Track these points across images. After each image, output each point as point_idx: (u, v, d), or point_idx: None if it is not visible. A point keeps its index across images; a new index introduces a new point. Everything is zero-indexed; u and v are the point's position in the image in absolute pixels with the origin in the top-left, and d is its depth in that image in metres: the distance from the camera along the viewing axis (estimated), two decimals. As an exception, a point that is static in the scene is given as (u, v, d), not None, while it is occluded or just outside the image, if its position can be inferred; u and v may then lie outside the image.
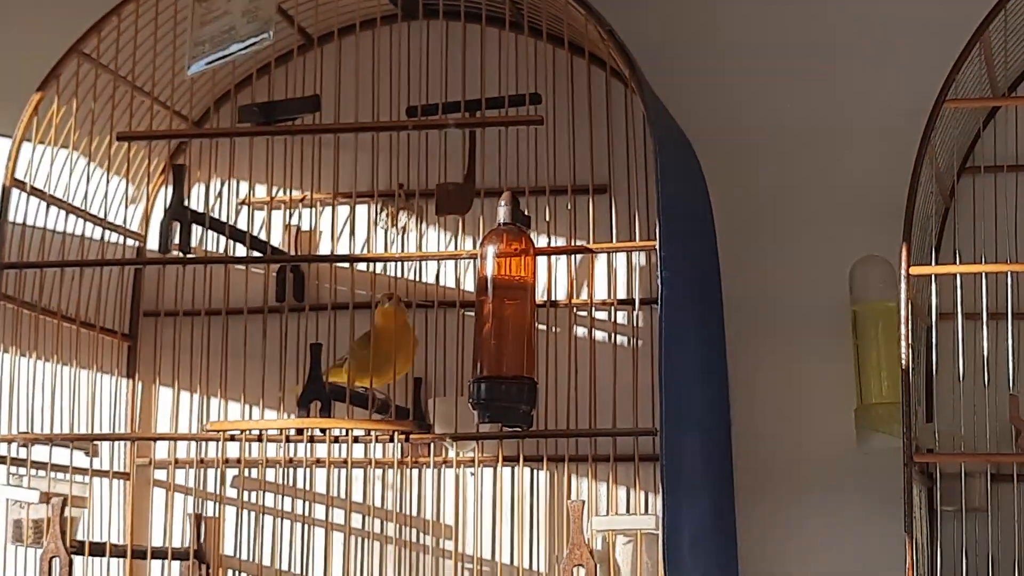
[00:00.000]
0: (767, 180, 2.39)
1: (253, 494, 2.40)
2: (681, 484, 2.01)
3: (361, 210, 2.47)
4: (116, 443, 2.42)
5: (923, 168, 2.01)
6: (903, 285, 1.98)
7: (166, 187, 2.46)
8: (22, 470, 2.24)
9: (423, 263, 2.41)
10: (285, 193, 2.46)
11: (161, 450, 2.48)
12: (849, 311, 2.25)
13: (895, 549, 2.01)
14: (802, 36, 2.42)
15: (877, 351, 2.22)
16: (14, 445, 2.25)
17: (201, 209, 2.39)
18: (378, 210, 2.44)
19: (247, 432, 2.26)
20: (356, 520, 2.35)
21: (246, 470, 2.38)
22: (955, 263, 2.03)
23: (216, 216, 2.40)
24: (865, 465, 2.26)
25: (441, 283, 2.38)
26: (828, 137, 2.38)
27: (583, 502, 2.07)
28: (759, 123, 2.41)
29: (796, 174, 2.39)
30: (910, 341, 1.98)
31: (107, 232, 2.43)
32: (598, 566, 2.05)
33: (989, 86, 2.17)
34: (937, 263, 2.06)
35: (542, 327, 2.25)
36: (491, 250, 2.06)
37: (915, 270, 1.99)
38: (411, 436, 2.23)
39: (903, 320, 1.98)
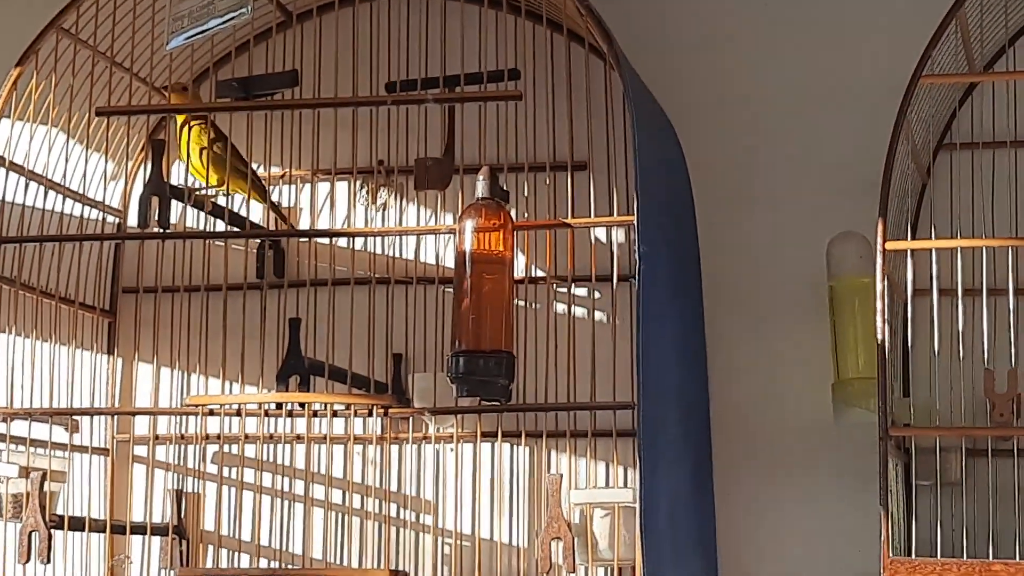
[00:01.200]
0: (745, 156, 2.40)
1: (233, 470, 2.41)
2: (659, 457, 2.02)
3: (341, 186, 2.48)
4: (96, 418, 2.43)
5: (899, 144, 2.02)
6: (879, 260, 1.99)
7: (145, 163, 2.46)
8: (1, 444, 2.24)
9: (402, 239, 2.41)
10: (264, 169, 2.46)
11: (141, 426, 2.48)
12: (826, 287, 2.26)
13: (871, 522, 2.03)
14: (779, 13, 2.43)
15: (854, 326, 2.23)
16: (-7, 420, 2.25)
17: (180, 185, 2.39)
18: (358, 186, 2.45)
19: (226, 406, 2.26)
20: (336, 495, 2.36)
21: (226, 446, 2.39)
22: (930, 238, 2.04)
23: (196, 190, 2.40)
24: (842, 439, 2.27)
25: (420, 259, 2.38)
26: (806, 113, 2.39)
27: (561, 476, 2.08)
28: (737, 100, 2.42)
29: (774, 150, 2.40)
30: (886, 316, 1.99)
31: (87, 208, 2.43)
32: (576, 539, 2.06)
33: (966, 63, 2.18)
34: (914, 239, 2.07)
35: (521, 303, 2.26)
36: (469, 224, 2.06)
37: (891, 245, 2.00)
38: (390, 410, 2.24)
39: (879, 295, 1.99)
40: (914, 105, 2.04)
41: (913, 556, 1.98)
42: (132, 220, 2.50)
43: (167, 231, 2.32)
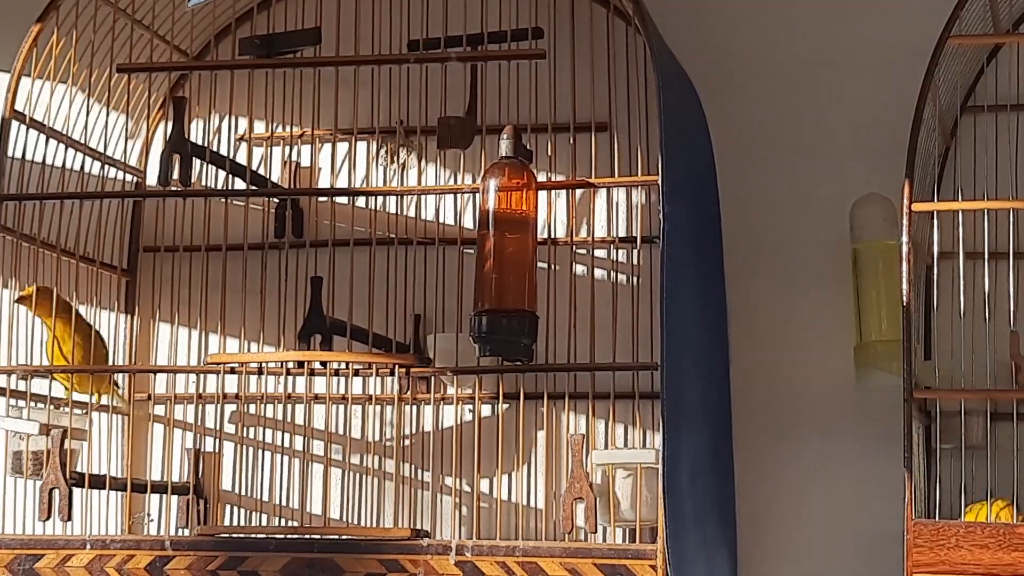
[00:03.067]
0: (768, 118, 2.39)
1: (252, 429, 2.41)
2: (681, 419, 2.02)
3: (361, 146, 2.47)
4: (116, 377, 2.42)
5: (926, 106, 2.01)
6: (905, 221, 1.98)
7: (166, 121, 2.45)
8: (21, 402, 2.24)
9: (423, 199, 2.40)
10: (285, 129, 2.45)
11: (160, 385, 2.48)
12: (849, 249, 2.25)
13: (894, 486, 2.02)
14: (806, -27, 2.41)
15: (877, 289, 2.22)
16: (13, 377, 2.25)
17: (201, 143, 2.38)
18: (378, 146, 2.44)
19: (247, 365, 2.25)
20: (355, 456, 2.36)
21: (245, 406, 2.39)
22: (956, 200, 2.03)
23: (216, 151, 2.39)
24: (864, 402, 2.27)
25: (441, 220, 2.37)
26: (830, 74, 2.37)
27: (583, 436, 2.08)
28: (760, 61, 2.41)
29: (797, 112, 2.38)
30: (911, 279, 1.98)
31: (106, 167, 2.42)
32: (598, 499, 2.06)
33: (992, 23, 2.16)
34: (938, 200, 2.06)
35: (542, 265, 2.25)
36: (493, 184, 2.05)
37: (917, 207, 1.99)
38: (411, 369, 2.23)
39: (904, 257, 1.98)
40: (941, 66, 2.03)
41: (937, 519, 1.98)
42: (151, 178, 2.49)
43: (188, 189, 2.31)
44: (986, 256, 1.99)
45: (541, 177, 2.27)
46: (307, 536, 2.12)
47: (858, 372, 2.23)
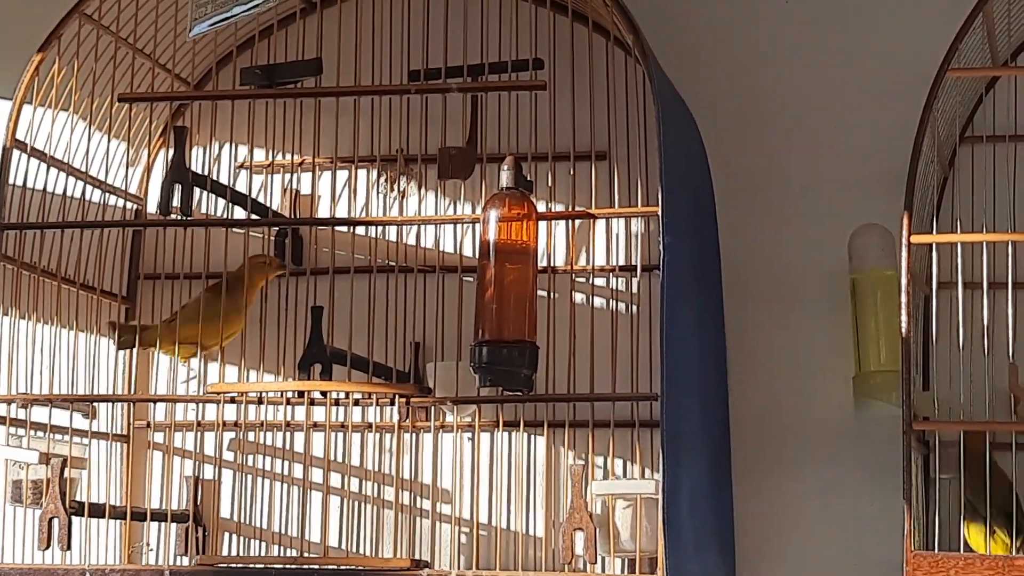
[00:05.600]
0: (766, 147, 2.40)
1: (251, 457, 2.41)
2: (680, 449, 2.02)
3: (361, 175, 2.47)
4: (115, 405, 2.42)
5: (925, 137, 2.02)
6: (904, 253, 1.99)
7: (166, 149, 2.46)
8: (21, 431, 2.24)
9: (423, 228, 2.41)
10: (285, 157, 2.46)
11: (159, 413, 2.48)
12: (848, 279, 2.26)
13: (892, 516, 2.03)
14: (803, 4, 2.42)
15: (876, 319, 2.22)
16: (13, 406, 2.25)
17: (201, 172, 2.38)
18: (378, 174, 2.45)
19: (246, 394, 2.26)
20: (354, 484, 2.36)
21: (244, 434, 2.39)
22: (955, 232, 2.04)
23: (216, 179, 2.39)
24: (863, 432, 2.27)
25: (440, 248, 2.38)
26: (829, 104, 2.38)
27: (584, 466, 2.08)
28: (759, 90, 2.42)
29: (796, 141, 2.39)
30: (910, 310, 1.99)
31: (107, 195, 2.43)
32: (598, 530, 2.06)
33: (990, 55, 2.17)
34: (936, 232, 2.06)
35: (542, 293, 2.26)
36: (493, 214, 2.06)
37: (916, 239, 2.00)
38: (411, 399, 2.24)
39: (903, 288, 1.99)
40: (940, 97, 2.04)
41: (936, 550, 1.98)
42: (152, 206, 2.50)
43: (188, 218, 2.32)
44: (985, 287, 2.00)
45: (541, 206, 2.27)
46: (306, 566, 2.12)
47: (857, 402, 2.24)
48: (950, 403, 2.09)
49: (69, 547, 2.16)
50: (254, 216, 2.39)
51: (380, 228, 2.36)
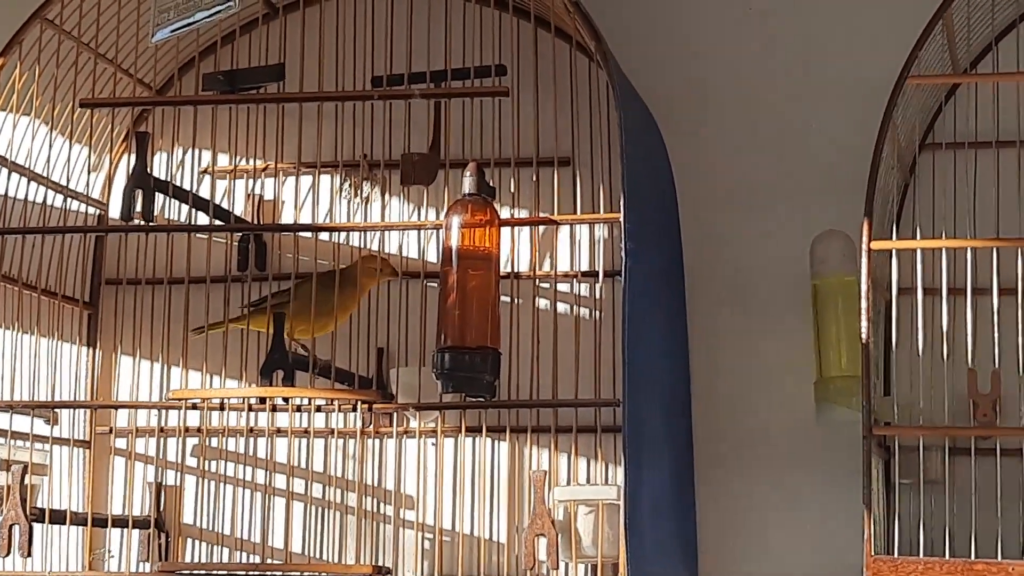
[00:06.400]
0: (729, 153, 2.41)
1: (213, 463, 2.40)
2: (643, 455, 2.03)
3: (325, 180, 2.47)
4: (77, 411, 2.42)
5: (885, 144, 2.03)
6: (864, 260, 2.00)
7: (128, 155, 2.45)
8: (-18, 438, 2.24)
9: (386, 234, 2.41)
10: (248, 162, 2.45)
11: (122, 419, 2.47)
12: (809, 285, 2.27)
13: (852, 520, 2.04)
14: (766, 11, 2.43)
15: (837, 325, 2.23)
16: (-26, 413, 2.24)
17: (163, 177, 2.38)
18: (342, 180, 2.44)
19: (209, 401, 2.25)
20: (317, 490, 2.35)
21: (207, 439, 2.38)
22: (915, 238, 2.05)
23: (179, 184, 2.39)
24: (824, 438, 2.28)
25: (404, 254, 2.38)
26: (791, 111, 2.39)
27: (546, 472, 2.08)
28: (722, 97, 2.43)
29: (758, 148, 2.40)
30: (870, 315, 2.00)
31: (69, 200, 2.42)
32: (560, 536, 2.06)
33: (950, 63, 2.19)
34: (897, 238, 2.07)
35: (505, 299, 2.26)
36: (456, 220, 2.06)
37: (876, 245, 2.01)
38: (374, 406, 2.23)
39: (864, 295, 2.00)
40: (900, 105, 2.05)
41: (895, 555, 1.99)
42: (114, 212, 2.49)
43: (151, 224, 2.31)
44: (944, 293, 2.01)
45: (504, 212, 2.28)
46: (269, 572, 2.12)
47: (818, 407, 2.24)
48: (911, 408, 2.10)
49: (30, 554, 2.15)
50: (217, 222, 2.38)
51: (343, 234, 2.36)
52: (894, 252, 2.04)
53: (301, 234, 2.38)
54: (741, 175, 2.40)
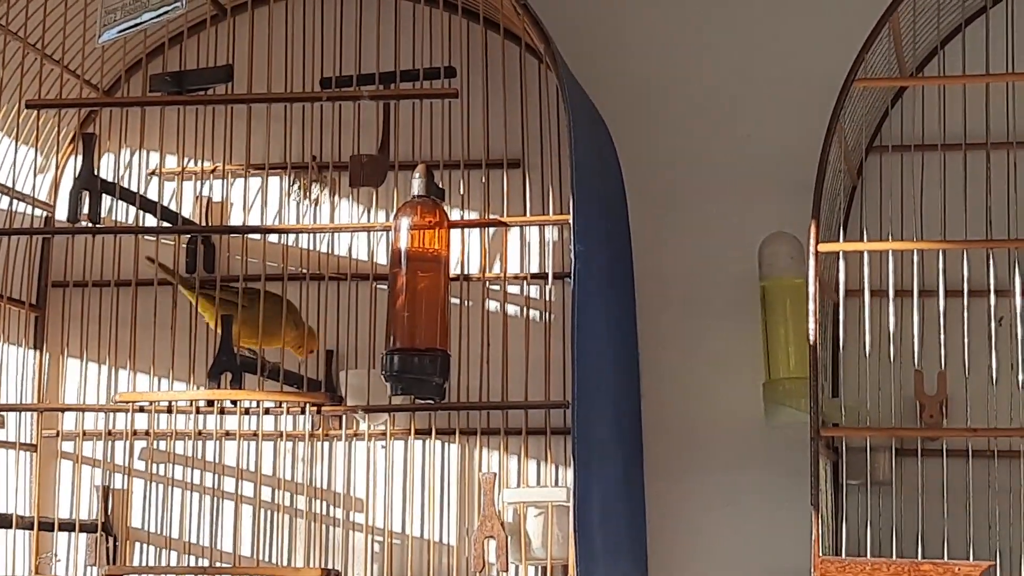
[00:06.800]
0: (678, 155, 2.41)
1: (161, 466, 2.39)
2: (592, 456, 2.03)
3: (273, 182, 2.46)
4: (23, 414, 2.40)
5: (832, 146, 2.04)
6: (812, 261, 2.01)
7: (75, 156, 2.43)
8: (-73, 441, 2.22)
9: (336, 236, 2.40)
10: (196, 164, 2.44)
11: (69, 422, 2.45)
12: (758, 287, 2.27)
13: (801, 522, 2.05)
14: (714, 13, 2.44)
15: (785, 327, 2.24)
16: (-80, 416, 2.22)
17: (111, 179, 2.36)
18: (291, 182, 2.44)
19: (156, 403, 2.24)
20: (266, 493, 2.34)
21: (155, 442, 2.37)
22: (862, 240, 2.06)
23: (126, 186, 2.37)
24: (772, 439, 2.29)
25: (353, 256, 2.38)
26: (739, 113, 2.40)
27: (495, 474, 2.08)
28: (672, 99, 2.43)
29: (707, 150, 2.41)
30: (818, 317, 2.00)
31: (15, 202, 2.40)
32: (509, 538, 2.06)
33: (897, 66, 2.20)
34: (844, 240, 2.09)
35: (455, 301, 2.26)
36: (405, 222, 2.06)
37: (824, 247, 2.02)
38: (323, 408, 2.23)
39: (811, 296, 2.01)
40: (847, 107, 2.06)
41: (843, 555, 2.00)
42: (61, 214, 2.47)
43: (98, 226, 2.30)
44: (891, 295, 2.02)
45: (454, 214, 2.28)
46: (217, 575, 2.11)
47: (767, 408, 2.25)
48: (858, 410, 2.12)
49: (-25, 559, 2.13)
50: (164, 223, 2.37)
51: (292, 236, 2.35)
52: (841, 254, 2.05)
53: (250, 236, 2.37)
54: (690, 177, 2.41)
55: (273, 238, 2.42)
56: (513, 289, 2.38)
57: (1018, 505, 2.13)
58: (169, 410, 2.25)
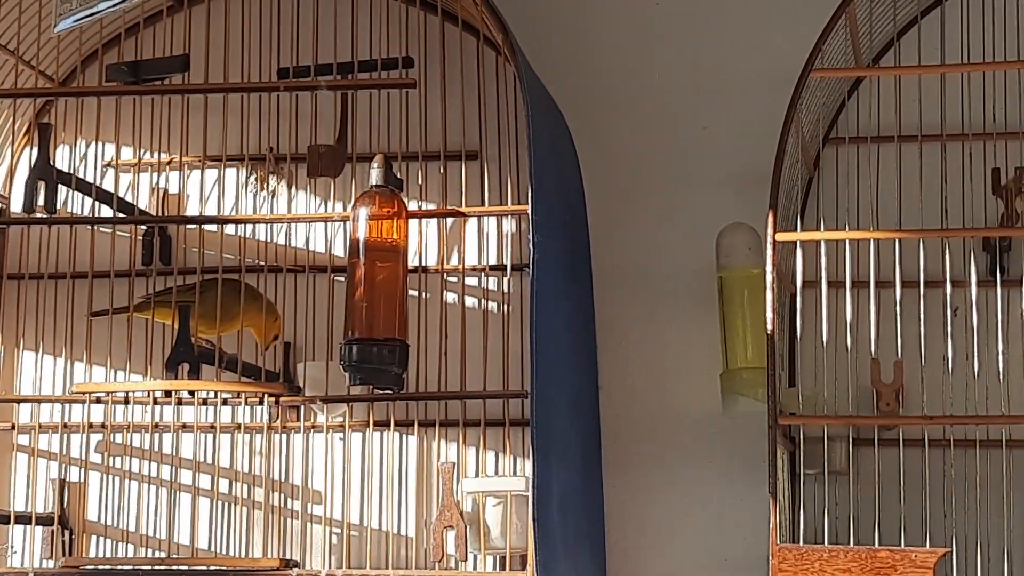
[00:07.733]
0: (636, 146, 2.42)
1: (118, 459, 2.38)
2: (551, 446, 2.03)
3: (230, 173, 2.45)
4: (-22, 407, 2.38)
5: (789, 136, 2.05)
6: (769, 251, 2.02)
7: (31, 147, 2.42)
8: None
9: (293, 227, 2.40)
10: (153, 155, 2.43)
11: (24, 414, 2.44)
12: (715, 277, 2.28)
13: (759, 510, 2.06)
14: (672, 4, 2.44)
15: (743, 317, 2.25)
16: None
17: (67, 170, 2.35)
18: (247, 173, 2.43)
19: (113, 394, 2.23)
20: (223, 485, 2.34)
21: (111, 435, 2.36)
22: (819, 230, 2.07)
23: (82, 177, 2.36)
24: (730, 429, 2.29)
25: (311, 248, 2.37)
26: (697, 103, 2.41)
27: (454, 464, 2.08)
28: (628, 90, 2.43)
29: (664, 141, 2.41)
30: (775, 307, 2.01)
31: (-31, 192, 2.39)
32: (468, 528, 2.06)
33: (853, 57, 2.21)
34: (802, 230, 2.09)
35: (413, 292, 2.25)
36: (363, 212, 2.06)
37: (781, 236, 2.03)
38: (281, 398, 2.22)
39: (769, 286, 2.01)
40: (804, 98, 2.07)
41: (801, 543, 2.01)
42: (16, 205, 2.45)
43: (53, 216, 2.28)
44: (848, 285, 2.03)
45: (412, 205, 2.27)
46: (175, 567, 2.10)
47: (724, 399, 2.26)
48: (815, 399, 2.13)
49: (-70, 552, 2.12)
50: (121, 215, 2.35)
51: (249, 227, 2.34)
52: (799, 244, 2.06)
53: (207, 227, 2.36)
54: (647, 167, 2.41)
55: (230, 229, 2.41)
56: (471, 280, 2.38)
57: (973, 492, 2.14)
58: (126, 401, 2.24)
